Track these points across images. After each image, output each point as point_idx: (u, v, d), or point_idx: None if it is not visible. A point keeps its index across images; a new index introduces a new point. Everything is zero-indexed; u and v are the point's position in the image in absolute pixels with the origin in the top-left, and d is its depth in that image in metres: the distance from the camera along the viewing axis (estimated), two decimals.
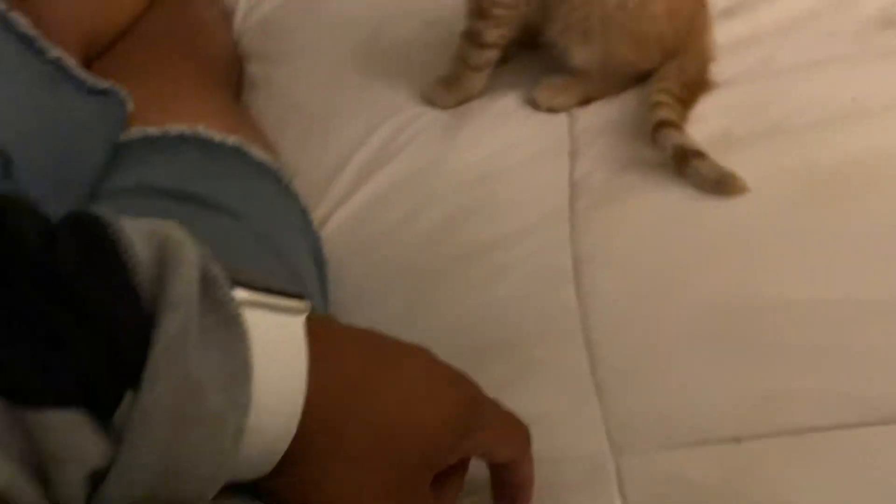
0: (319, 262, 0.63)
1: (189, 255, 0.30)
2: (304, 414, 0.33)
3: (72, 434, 0.27)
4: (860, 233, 0.54)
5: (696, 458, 0.46)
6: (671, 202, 0.58)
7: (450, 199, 0.65)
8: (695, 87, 0.66)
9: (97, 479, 0.28)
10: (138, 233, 0.30)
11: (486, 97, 0.74)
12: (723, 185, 0.58)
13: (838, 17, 0.69)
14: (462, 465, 0.42)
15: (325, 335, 0.35)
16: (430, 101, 0.75)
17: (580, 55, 0.67)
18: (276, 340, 0.32)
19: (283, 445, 0.33)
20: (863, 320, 0.49)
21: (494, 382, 0.53)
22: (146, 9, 0.83)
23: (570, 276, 0.57)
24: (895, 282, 0.51)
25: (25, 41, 0.58)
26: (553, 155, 0.67)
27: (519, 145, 0.68)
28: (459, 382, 0.40)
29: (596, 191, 0.62)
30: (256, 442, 0.31)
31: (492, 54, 0.71)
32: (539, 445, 0.50)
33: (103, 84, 0.62)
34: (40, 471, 0.27)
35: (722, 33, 0.72)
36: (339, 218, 0.68)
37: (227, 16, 0.93)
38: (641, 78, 0.69)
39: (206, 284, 0.30)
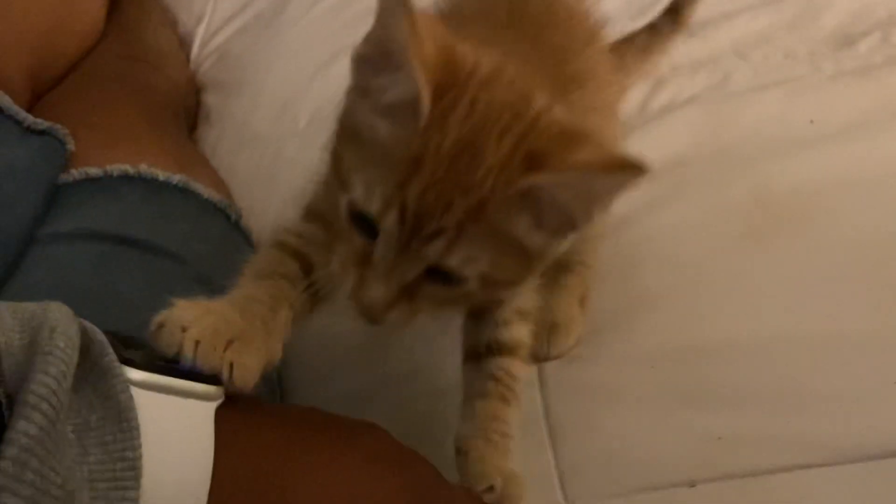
0: None
1: (61, 344, 0.27)
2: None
3: None
4: (814, 265, 0.53)
5: (651, 503, 0.45)
6: (620, 242, 0.57)
7: None
8: None
9: None
10: (11, 317, 0.28)
11: None
12: None
13: (792, 38, 0.68)
14: None
15: (242, 420, 0.33)
16: None
17: None
18: (178, 428, 0.30)
19: None
20: (816, 357, 0.48)
21: (448, 425, 0.52)
22: (99, 39, 0.82)
23: None
24: (847, 314, 0.50)
25: None
26: None
27: None
28: (410, 465, 0.36)
29: None
30: None
31: None
32: None
33: (43, 124, 0.60)
34: None
35: (680, 53, 0.71)
36: None
37: (184, 44, 0.92)
38: None
39: (97, 376, 0.28)
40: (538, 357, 0.53)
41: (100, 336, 0.30)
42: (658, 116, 0.65)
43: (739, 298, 0.52)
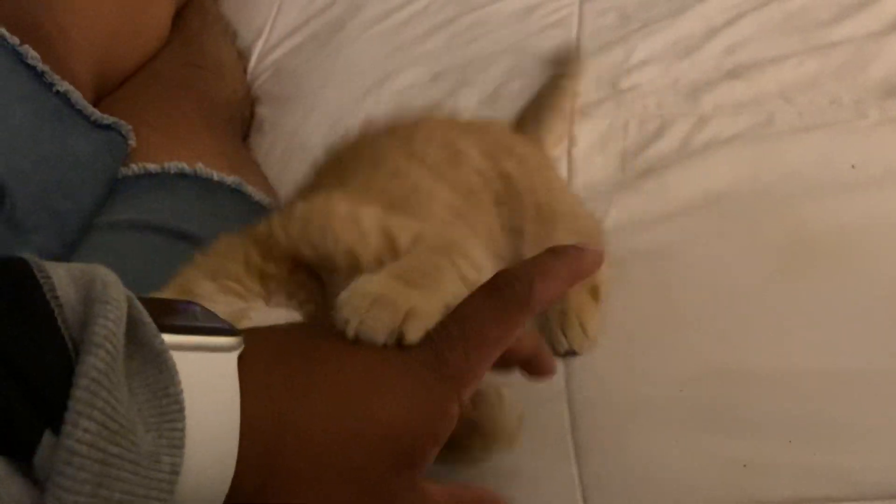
0: None
1: (115, 295, 0.30)
2: (245, 448, 0.32)
3: None
4: (847, 303, 0.53)
5: None
6: (656, 268, 0.58)
7: None
8: None
9: None
10: (65, 275, 0.30)
11: None
12: None
13: (839, 85, 0.69)
14: None
15: (255, 364, 0.34)
16: None
17: None
18: (206, 380, 0.32)
19: (225, 483, 0.32)
20: (846, 392, 0.48)
21: None
22: (163, 45, 0.86)
23: None
24: (879, 353, 0.50)
25: (35, 74, 0.60)
26: None
27: None
28: (407, 373, 0.35)
29: None
30: (196, 482, 0.31)
31: None
32: (516, 503, 0.49)
33: (108, 119, 0.63)
34: None
35: (725, 94, 0.72)
36: None
37: (243, 57, 0.95)
38: None
39: (132, 327, 0.30)
40: (558, 351, 0.54)
41: (127, 292, 0.32)
42: (700, 152, 0.67)
43: (772, 330, 0.53)
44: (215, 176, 0.63)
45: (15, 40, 0.60)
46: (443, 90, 0.82)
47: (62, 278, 0.30)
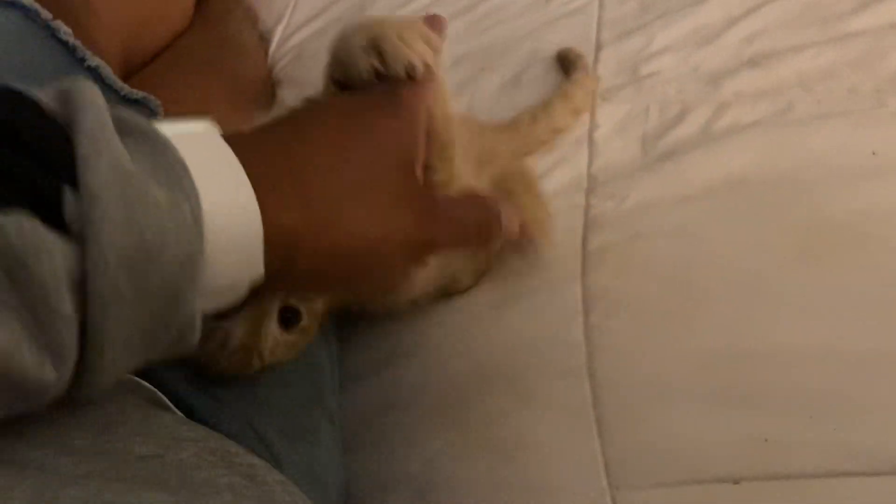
0: None
1: (88, 85, 0.31)
2: (275, 212, 0.33)
3: (26, 228, 0.27)
4: (865, 287, 0.54)
5: (694, 496, 0.46)
6: (676, 248, 0.59)
7: None
8: None
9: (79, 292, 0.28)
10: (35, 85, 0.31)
11: None
12: None
13: (857, 75, 0.69)
14: None
15: (258, 152, 0.36)
16: None
17: None
18: (198, 149, 0.33)
19: (256, 229, 0.33)
20: (864, 372, 0.49)
21: (495, 409, 0.54)
22: (186, 28, 0.87)
23: (580, 311, 0.58)
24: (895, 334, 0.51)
25: (67, 49, 0.61)
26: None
27: None
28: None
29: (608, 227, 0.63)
30: (225, 238, 0.32)
31: None
32: (537, 476, 0.50)
33: (138, 94, 0.64)
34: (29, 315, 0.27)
35: (744, 81, 0.73)
36: None
37: (265, 40, 0.96)
38: None
39: (115, 120, 0.31)
40: None
41: None
42: (720, 137, 0.67)
43: (792, 311, 0.54)
44: None
45: (48, 15, 0.61)
46: (463, 75, 0.83)
47: (32, 87, 0.31)
